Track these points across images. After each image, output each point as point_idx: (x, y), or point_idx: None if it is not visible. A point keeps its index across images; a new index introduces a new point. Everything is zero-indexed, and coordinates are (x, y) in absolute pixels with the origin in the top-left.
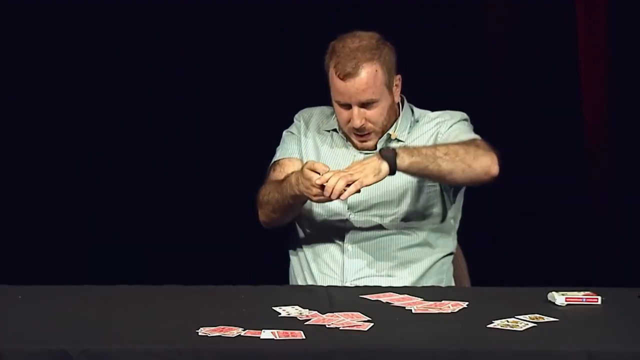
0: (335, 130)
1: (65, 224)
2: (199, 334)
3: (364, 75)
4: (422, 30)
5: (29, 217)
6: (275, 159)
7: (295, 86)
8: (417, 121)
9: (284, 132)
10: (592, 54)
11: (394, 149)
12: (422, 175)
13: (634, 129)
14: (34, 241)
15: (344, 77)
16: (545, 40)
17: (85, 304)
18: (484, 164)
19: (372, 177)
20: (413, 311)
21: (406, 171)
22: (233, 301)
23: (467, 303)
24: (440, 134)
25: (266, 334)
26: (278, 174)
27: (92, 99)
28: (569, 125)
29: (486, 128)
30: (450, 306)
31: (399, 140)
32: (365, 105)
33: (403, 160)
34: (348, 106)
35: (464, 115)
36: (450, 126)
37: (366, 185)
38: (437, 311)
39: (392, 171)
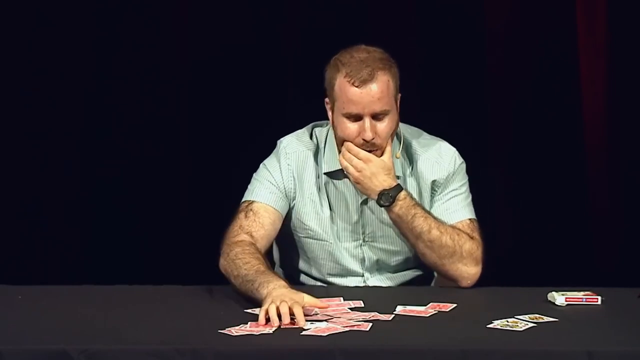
0: (341, 171)
1: (65, 224)
2: (232, 333)
3: (380, 84)
4: (422, 31)
5: (29, 217)
6: (249, 197)
7: (295, 87)
8: (408, 151)
9: (262, 166)
10: (592, 53)
11: (401, 190)
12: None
13: (634, 129)
14: (34, 241)
15: (360, 84)
16: (545, 40)
17: (85, 304)
18: (455, 274)
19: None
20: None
21: (391, 216)
22: (233, 301)
23: (464, 304)
24: (437, 197)
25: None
26: (252, 222)
27: (91, 99)
28: (569, 125)
29: (486, 128)
30: (449, 307)
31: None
32: (376, 117)
33: (396, 207)
34: (358, 118)
35: (459, 159)
36: (450, 191)
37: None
38: (437, 311)
39: (383, 203)
